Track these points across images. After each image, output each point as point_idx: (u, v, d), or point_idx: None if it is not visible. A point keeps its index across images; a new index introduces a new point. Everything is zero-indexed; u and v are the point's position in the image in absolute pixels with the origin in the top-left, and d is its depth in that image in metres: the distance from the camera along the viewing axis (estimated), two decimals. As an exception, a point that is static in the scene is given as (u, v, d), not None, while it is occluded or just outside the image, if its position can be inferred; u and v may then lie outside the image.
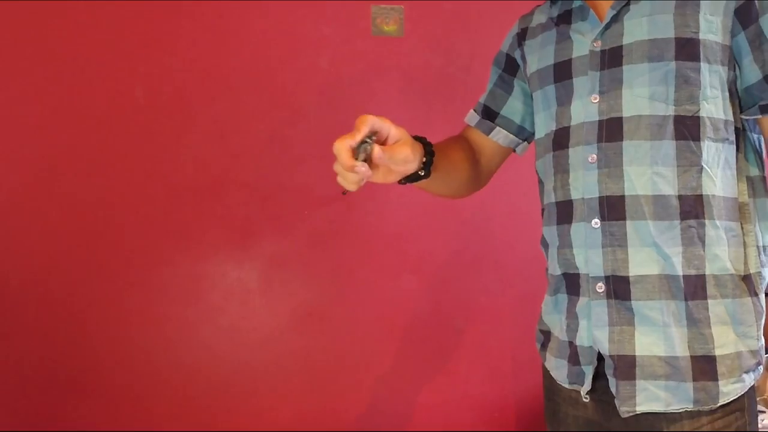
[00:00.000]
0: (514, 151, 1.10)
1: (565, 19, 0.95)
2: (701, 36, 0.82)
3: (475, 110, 1.10)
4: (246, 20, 1.62)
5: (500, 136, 1.07)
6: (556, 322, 0.96)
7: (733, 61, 0.84)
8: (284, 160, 1.64)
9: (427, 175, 0.88)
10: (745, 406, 0.84)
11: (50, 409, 1.57)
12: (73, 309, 1.57)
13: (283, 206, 1.64)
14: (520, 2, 1.11)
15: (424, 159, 0.87)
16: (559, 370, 0.94)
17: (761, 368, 0.86)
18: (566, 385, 0.93)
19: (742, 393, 0.83)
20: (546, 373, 1.01)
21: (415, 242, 1.67)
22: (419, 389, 1.69)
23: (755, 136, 0.89)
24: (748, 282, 0.84)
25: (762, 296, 0.86)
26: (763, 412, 1.49)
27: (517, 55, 1.05)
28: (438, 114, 1.67)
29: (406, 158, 0.81)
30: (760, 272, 0.86)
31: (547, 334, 0.99)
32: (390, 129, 0.80)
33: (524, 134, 1.07)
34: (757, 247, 0.86)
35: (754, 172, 0.88)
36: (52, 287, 1.57)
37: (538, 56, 0.98)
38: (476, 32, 1.69)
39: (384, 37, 1.67)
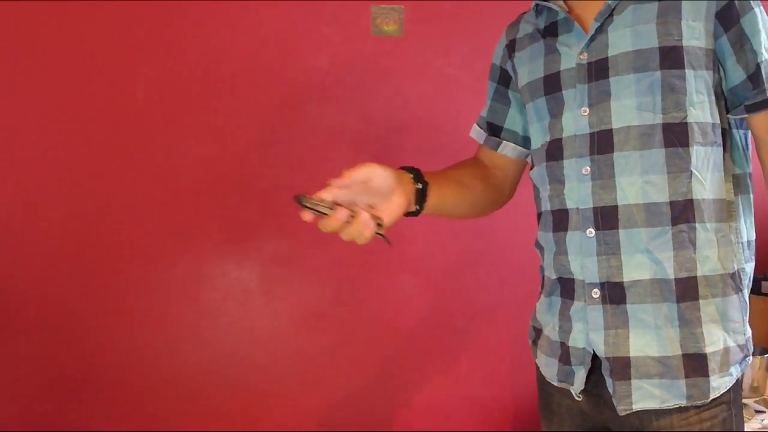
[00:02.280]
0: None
1: (551, 31, 0.96)
2: (684, 43, 0.83)
3: (479, 125, 1.12)
4: (246, 20, 1.63)
5: (508, 149, 1.09)
6: (548, 322, 0.99)
7: (717, 63, 0.85)
8: (284, 160, 1.64)
9: (422, 200, 0.92)
10: (731, 399, 0.86)
11: (51, 409, 1.58)
12: (73, 308, 1.58)
13: (283, 206, 1.64)
14: (520, 2, 1.11)
15: (419, 185, 0.91)
16: (549, 367, 0.97)
17: (749, 359, 0.89)
18: (555, 383, 0.96)
19: (730, 386, 0.85)
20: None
21: (415, 242, 1.67)
22: (419, 389, 1.69)
23: (741, 132, 0.90)
24: (734, 279, 0.86)
25: (746, 291, 0.89)
26: (763, 411, 1.49)
27: (508, 66, 1.06)
28: (438, 114, 1.67)
29: (378, 176, 0.82)
30: (744, 268, 0.88)
31: (538, 332, 1.02)
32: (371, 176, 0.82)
33: (530, 144, 1.08)
34: (742, 243, 0.88)
35: (740, 169, 0.89)
36: (52, 287, 1.58)
37: (528, 69, 0.99)
38: (476, 32, 1.69)
39: (384, 37, 1.67)
